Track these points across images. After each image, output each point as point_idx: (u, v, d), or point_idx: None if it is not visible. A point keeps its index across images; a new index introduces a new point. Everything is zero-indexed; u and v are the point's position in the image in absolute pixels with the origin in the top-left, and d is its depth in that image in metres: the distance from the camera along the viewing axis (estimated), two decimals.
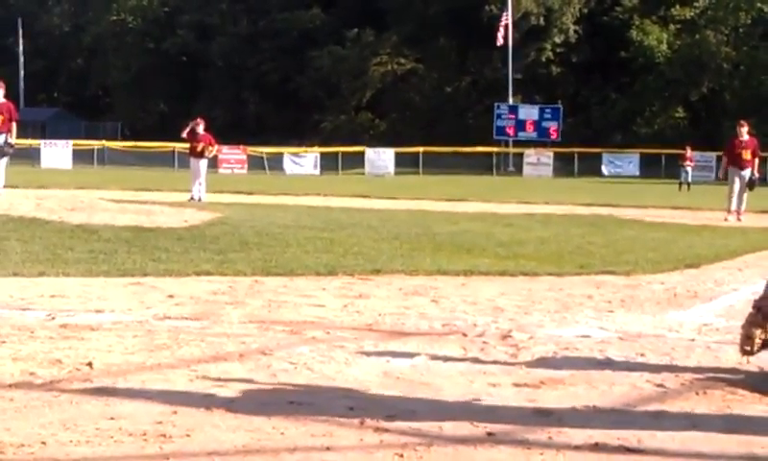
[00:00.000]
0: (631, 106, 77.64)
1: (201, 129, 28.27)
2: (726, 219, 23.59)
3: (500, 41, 74.57)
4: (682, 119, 77.80)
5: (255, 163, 67.11)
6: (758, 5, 77.01)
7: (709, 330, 8.14)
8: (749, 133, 25.10)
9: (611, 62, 77.82)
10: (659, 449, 4.87)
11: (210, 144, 28.42)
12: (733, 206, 24.22)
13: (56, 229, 15.40)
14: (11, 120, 21.83)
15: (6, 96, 22.11)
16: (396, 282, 10.71)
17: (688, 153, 50.05)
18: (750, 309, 6.43)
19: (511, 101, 76.88)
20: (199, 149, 27.91)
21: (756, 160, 24.77)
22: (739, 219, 23.62)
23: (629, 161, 71.08)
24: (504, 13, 74.96)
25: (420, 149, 68.92)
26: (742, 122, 25.26)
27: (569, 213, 25.34)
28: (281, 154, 69.39)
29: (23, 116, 78.02)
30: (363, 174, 65.60)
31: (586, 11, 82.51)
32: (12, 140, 22.15)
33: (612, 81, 79.25)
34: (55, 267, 10.85)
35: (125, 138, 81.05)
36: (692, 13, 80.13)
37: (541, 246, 15.47)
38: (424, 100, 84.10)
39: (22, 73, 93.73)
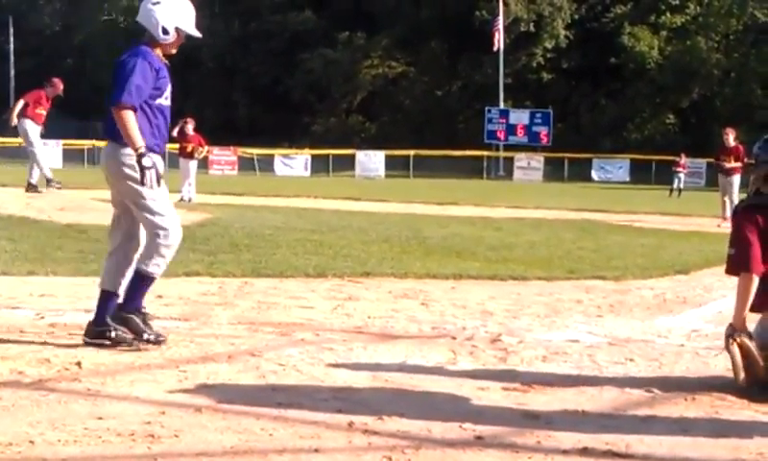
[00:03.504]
0: (621, 111, 77.74)
1: (190, 129, 28.16)
2: (719, 225, 23.65)
3: (497, 46, 74.60)
4: (672, 125, 77.94)
5: (246, 164, 67.10)
6: (751, 10, 77.14)
7: (698, 336, 8.15)
8: (736, 139, 25.19)
9: (601, 68, 77.96)
10: (647, 454, 4.87)
11: (200, 145, 28.32)
12: (727, 213, 24.31)
13: (45, 228, 15.38)
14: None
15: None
16: (385, 285, 10.71)
17: (682, 159, 50.16)
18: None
19: (502, 105, 76.94)
20: (188, 149, 27.82)
21: (739, 164, 24.82)
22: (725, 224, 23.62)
23: (619, 167, 71.16)
24: (497, 18, 75.04)
25: (411, 152, 68.97)
26: (727, 130, 25.40)
27: (559, 218, 25.37)
28: (272, 155, 69.37)
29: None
30: (353, 176, 65.59)
31: (576, 17, 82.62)
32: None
33: (603, 86, 79.32)
34: (44, 266, 10.84)
35: None
36: (683, 20, 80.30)
37: (531, 250, 15.48)
38: (415, 103, 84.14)
39: (12, 72, 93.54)
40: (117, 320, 6.96)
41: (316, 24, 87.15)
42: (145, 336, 6.95)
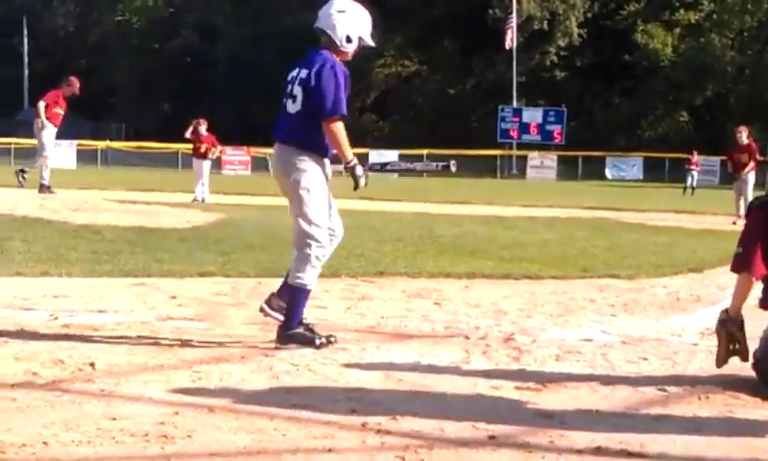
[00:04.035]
0: (635, 109, 77.64)
1: (203, 129, 28.22)
2: (734, 223, 23.62)
3: (509, 44, 74.53)
4: (686, 123, 77.79)
5: (259, 164, 67.05)
6: (766, 6, 76.91)
7: (712, 335, 8.08)
8: (749, 137, 25.25)
9: (615, 66, 77.84)
10: (661, 453, 4.86)
11: (213, 145, 28.35)
12: (741, 211, 24.34)
13: (59, 229, 15.40)
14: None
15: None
16: (398, 285, 10.71)
17: (694, 157, 50.06)
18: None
19: (515, 104, 76.85)
20: (202, 150, 27.89)
21: (752, 163, 24.92)
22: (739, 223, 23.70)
23: (633, 165, 71.11)
24: (510, 17, 74.99)
25: (424, 151, 68.88)
26: (740, 128, 25.59)
27: (573, 217, 25.33)
28: None
29: (26, 117, 77.64)
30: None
31: (590, 15, 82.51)
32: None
33: (617, 84, 79.23)
34: (58, 267, 10.85)
35: (129, 139, 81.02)
36: (697, 17, 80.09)
37: (545, 249, 15.45)
38: (428, 102, 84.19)
39: (26, 73, 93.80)
40: (283, 341, 7.06)
41: None
42: (317, 342, 7.06)
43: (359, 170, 7.25)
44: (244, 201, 27.99)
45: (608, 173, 70.35)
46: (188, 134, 28.75)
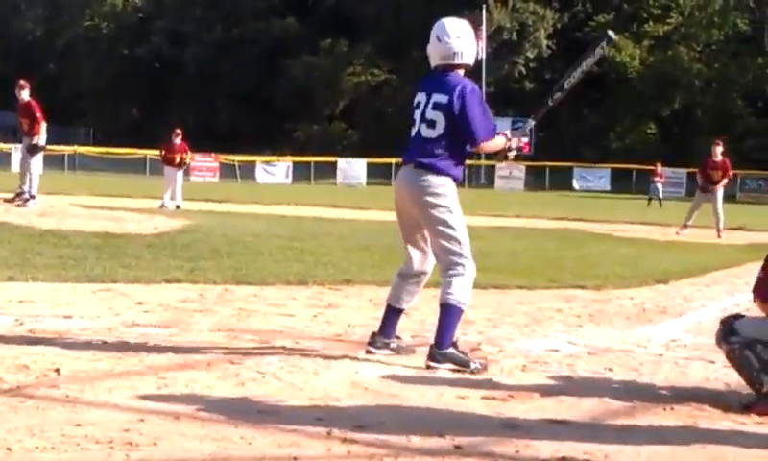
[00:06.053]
0: (603, 121, 77.99)
1: (177, 140, 28.20)
2: (677, 233, 23.88)
3: (481, 54, 74.64)
4: (653, 135, 78.20)
5: (227, 171, 67.03)
6: (732, 19, 77.51)
7: (677, 346, 8.17)
8: (722, 153, 25.37)
9: (583, 78, 78.03)
10: None
11: (185, 152, 28.33)
12: (721, 224, 24.56)
13: (25, 233, 15.31)
14: (35, 121, 20.98)
15: (30, 95, 21.43)
16: (366, 293, 10.69)
17: (659, 169, 50.31)
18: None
19: None
20: (176, 160, 27.82)
21: (725, 179, 25.15)
22: (719, 236, 23.94)
23: (600, 176, 71.45)
24: (480, 27, 75.16)
25: (393, 160, 68.90)
26: (717, 142, 25.76)
27: (540, 227, 25.42)
28: (253, 162, 69.32)
29: None
30: (335, 184, 65.61)
31: (559, 26, 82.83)
32: (41, 141, 21.22)
33: (585, 96, 79.46)
34: (24, 272, 10.78)
35: (96, 144, 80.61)
36: (665, 30, 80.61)
37: (512, 259, 15.49)
38: (397, 111, 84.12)
39: None
40: (438, 360, 6.95)
41: (298, 31, 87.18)
42: (472, 366, 6.93)
43: (515, 143, 7.66)
44: (211, 207, 27.94)
45: (575, 184, 70.65)
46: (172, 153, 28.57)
